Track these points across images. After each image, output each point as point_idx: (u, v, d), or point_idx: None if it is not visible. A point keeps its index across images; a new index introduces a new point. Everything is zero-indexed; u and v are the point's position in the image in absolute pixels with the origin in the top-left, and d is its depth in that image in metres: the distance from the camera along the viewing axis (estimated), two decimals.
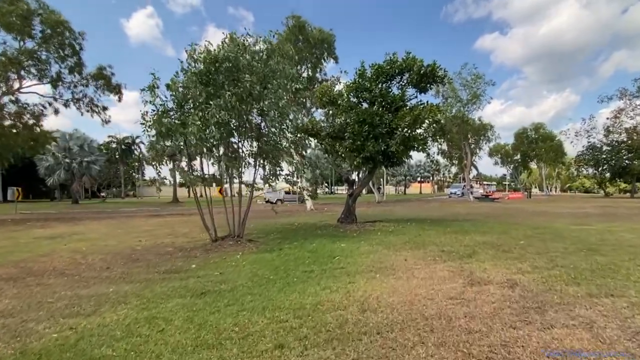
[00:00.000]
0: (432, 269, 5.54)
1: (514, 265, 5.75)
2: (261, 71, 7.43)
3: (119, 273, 5.77)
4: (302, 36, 22.39)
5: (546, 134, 51.30)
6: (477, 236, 9.11)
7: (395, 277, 5.05)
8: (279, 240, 9.04)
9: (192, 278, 5.27)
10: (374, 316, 3.51)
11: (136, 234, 11.26)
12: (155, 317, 3.61)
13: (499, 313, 3.60)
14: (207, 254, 7.25)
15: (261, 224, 13.46)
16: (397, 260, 6.30)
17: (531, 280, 4.86)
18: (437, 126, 11.65)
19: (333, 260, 6.28)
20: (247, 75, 7.08)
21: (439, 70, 10.99)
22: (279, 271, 5.53)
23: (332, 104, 12.20)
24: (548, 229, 10.72)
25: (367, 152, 11.00)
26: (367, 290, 4.37)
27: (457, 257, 6.50)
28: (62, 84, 19.10)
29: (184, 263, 6.42)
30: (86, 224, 15.19)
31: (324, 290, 4.39)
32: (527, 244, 7.91)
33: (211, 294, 4.41)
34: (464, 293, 4.26)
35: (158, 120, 6.79)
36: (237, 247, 7.86)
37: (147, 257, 7.09)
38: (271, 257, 6.76)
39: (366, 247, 7.65)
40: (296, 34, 22.27)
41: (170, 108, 7.14)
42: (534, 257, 6.38)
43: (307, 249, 7.58)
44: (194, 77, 7.02)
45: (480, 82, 30.65)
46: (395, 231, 10.40)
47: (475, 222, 12.91)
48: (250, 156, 8.49)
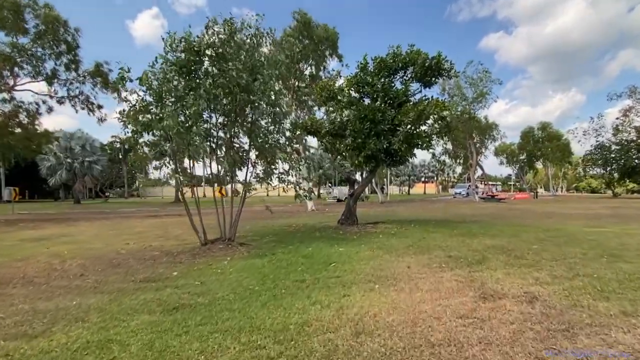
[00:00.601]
0: (438, 279, 4.94)
1: (529, 275, 5.15)
2: (249, 61, 6.85)
3: (92, 281, 5.24)
4: (307, 32, 21.78)
5: (553, 133, 50.31)
6: (485, 239, 8.50)
7: (396, 289, 4.46)
8: (274, 243, 8.48)
9: (169, 288, 4.72)
10: (369, 342, 2.93)
11: (127, 235, 10.77)
12: (110, 340, 3.06)
13: (519, 338, 3.00)
14: (193, 259, 6.70)
15: (258, 226, 12.91)
16: (399, 267, 5.72)
17: (552, 293, 4.25)
18: (442, 123, 11.01)
19: (329, 268, 5.71)
20: (230, 63, 6.50)
21: (445, 63, 10.35)
22: (266, 281, 4.96)
23: (332, 100, 11.60)
24: (561, 231, 10.06)
25: (368, 150, 10.40)
26: (364, 306, 3.79)
27: (466, 264, 5.90)
28: (58, 81, 18.67)
29: (166, 270, 5.88)
30: (79, 225, 14.74)
31: (314, 306, 3.82)
32: (541, 248, 7.28)
33: (184, 309, 3.85)
34: (476, 310, 3.66)
35: (134, 116, 6.22)
36: (227, 252, 7.30)
37: (128, 263, 6.55)
38: (262, 263, 6.19)
39: (366, 252, 7.06)
40: (301, 29, 21.67)
41: (149, 102, 6.54)
42: (551, 265, 5.77)
43: (302, 253, 7.00)
44: (173, 67, 6.44)
45: (487, 78, 29.94)
46: (398, 233, 9.80)
47: (482, 224, 12.27)
48: (240, 152, 7.92)
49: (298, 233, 10.47)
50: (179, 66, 6.49)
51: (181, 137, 6.17)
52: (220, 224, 8.11)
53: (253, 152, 8.31)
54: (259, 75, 7.39)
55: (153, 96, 6.38)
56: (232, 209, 8.20)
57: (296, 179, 8.56)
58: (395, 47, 11.14)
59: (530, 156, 53.10)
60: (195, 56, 6.61)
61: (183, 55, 6.58)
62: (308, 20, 21.67)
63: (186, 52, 6.55)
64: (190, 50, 6.52)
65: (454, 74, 10.57)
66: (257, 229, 11.94)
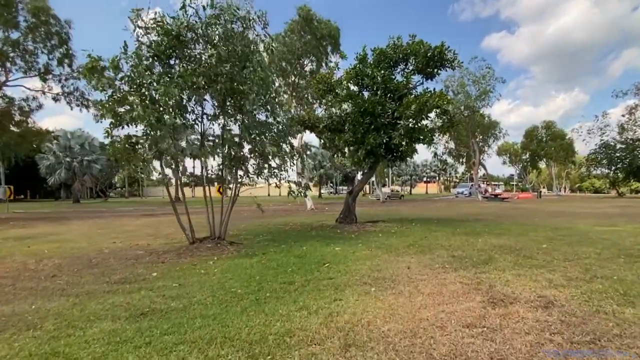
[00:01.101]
0: (441, 280, 4.47)
1: (542, 276, 4.67)
2: (238, 47, 6.36)
3: (63, 283, 4.80)
4: (309, 28, 21.22)
5: (557, 132, 49.68)
6: (491, 238, 8.01)
7: (394, 292, 3.99)
8: (266, 242, 8.02)
9: (143, 290, 4.27)
10: (360, 357, 2.47)
11: (115, 234, 10.34)
12: (57, 353, 2.61)
13: (537, 352, 2.53)
14: (178, 259, 6.25)
15: (254, 224, 12.47)
16: (398, 267, 5.25)
17: (569, 297, 3.78)
18: (445, 117, 10.52)
19: (322, 268, 5.24)
20: (212, 49, 6.02)
21: (448, 53, 9.84)
22: (252, 283, 4.50)
23: (330, 93, 11.12)
24: (571, 230, 9.56)
25: (368, 145, 9.91)
26: (357, 313, 3.33)
27: (471, 264, 5.43)
28: (53, 76, 18.27)
29: (146, 270, 5.43)
30: (71, 223, 14.34)
31: (300, 312, 3.35)
32: (552, 247, 6.79)
33: (153, 315, 3.40)
34: (484, 317, 3.19)
35: (110, 107, 5.72)
36: (215, 251, 6.85)
37: (108, 263, 6.11)
38: (250, 263, 5.73)
39: (363, 252, 6.59)
40: (302, 25, 21.10)
41: (127, 92, 5.98)
42: (564, 265, 5.28)
43: (295, 253, 6.54)
44: (150, 52, 5.92)
45: (490, 76, 29.39)
46: (399, 232, 9.32)
47: (487, 223, 11.76)
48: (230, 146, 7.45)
49: (293, 232, 10.01)
50: (156, 51, 5.97)
51: (154, 129, 5.67)
52: (210, 222, 7.66)
53: (245, 146, 7.85)
54: (248, 63, 6.93)
55: (129, 85, 5.86)
56: (223, 206, 7.75)
57: (288, 176, 8.06)
58: (395, 38, 10.67)
59: (534, 155, 52.47)
60: (173, 40, 6.10)
61: (161, 39, 6.05)
62: (311, 16, 21.13)
63: (163, 35, 6.02)
64: (167, 34, 6.01)
65: (458, 64, 10.07)
66: (252, 227, 11.50)
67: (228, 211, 7.69)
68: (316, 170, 51.70)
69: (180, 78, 5.76)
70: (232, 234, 9.64)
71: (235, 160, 7.62)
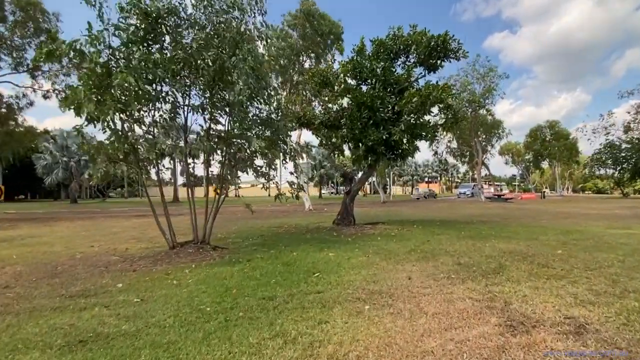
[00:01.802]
0: (447, 296, 3.82)
1: (564, 290, 4.02)
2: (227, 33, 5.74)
3: (12, 296, 4.17)
4: (309, 23, 20.48)
5: (561, 131, 48.87)
6: (500, 243, 7.35)
7: (392, 312, 3.35)
8: (255, 247, 7.37)
9: (97, 307, 3.64)
10: None
11: (99, 236, 9.74)
12: None
13: None
14: (152, 266, 5.62)
15: (247, 226, 11.84)
16: (397, 278, 4.60)
17: (603, 319, 3.13)
18: (449, 112, 9.84)
19: (310, 279, 4.60)
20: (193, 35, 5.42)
21: (452, 42, 9.16)
22: (226, 297, 3.86)
23: (326, 87, 10.45)
24: (583, 233, 8.88)
25: (368, 141, 9.23)
26: (344, 342, 2.68)
27: (480, 274, 4.78)
28: (42, 73, 17.68)
29: (112, 280, 4.80)
30: (58, 225, 13.73)
31: (274, 341, 2.71)
32: (568, 254, 6.13)
33: (95, 342, 2.76)
34: (505, 349, 2.55)
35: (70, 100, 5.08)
36: (196, 257, 6.21)
37: (74, 271, 5.48)
38: (230, 272, 5.09)
39: (360, 258, 5.95)
40: (303, 19, 20.34)
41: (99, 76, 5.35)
42: (587, 276, 4.63)
43: (284, 260, 5.90)
44: (126, 36, 5.28)
45: (494, 74, 28.68)
46: (399, 235, 8.67)
47: (493, 225, 11.09)
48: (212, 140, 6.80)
49: (287, 235, 9.37)
50: (132, 36, 5.33)
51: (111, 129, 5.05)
52: (193, 224, 7.04)
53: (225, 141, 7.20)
54: (237, 50, 6.31)
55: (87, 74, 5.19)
56: (207, 208, 7.12)
57: (275, 176, 7.41)
58: (395, 29, 10.01)
59: (537, 155, 51.67)
60: (153, 24, 5.48)
61: (139, 23, 5.42)
62: (313, 11, 20.38)
63: (140, 18, 5.40)
64: (145, 17, 5.38)
65: (463, 55, 9.39)
66: (244, 229, 10.87)
67: (212, 213, 7.06)
68: (316, 170, 51.05)
69: (150, 64, 5.11)
70: (221, 237, 9.01)
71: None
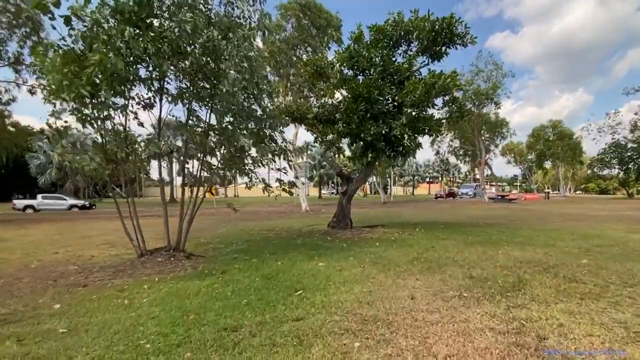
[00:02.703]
0: (461, 325, 2.97)
1: (607, 316, 3.18)
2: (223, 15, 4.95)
3: None
4: (303, 14, 19.53)
5: (564, 131, 48.01)
6: (513, 250, 6.50)
7: (390, 354, 2.50)
8: (236, 254, 6.52)
9: (8, 341, 2.80)
10: None
11: (71, 240, 8.93)
12: None
13: None
14: (110, 280, 4.78)
15: (236, 229, 11.00)
16: (398, 297, 3.76)
17: None
18: (454, 106, 8.98)
19: (290, 300, 3.75)
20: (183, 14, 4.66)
21: (458, 25, 8.28)
22: (178, 327, 3.01)
23: (320, 77, 9.58)
24: (603, 238, 8.01)
25: (367, 136, 8.35)
26: None
27: (498, 291, 3.94)
28: (26, 67, 16.83)
29: (52, 299, 3.96)
30: (35, 227, 12.91)
31: None
32: (596, 264, 5.27)
33: None
34: None
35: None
36: (164, 267, 5.37)
37: (15, 285, 4.65)
38: (197, 288, 4.24)
39: (354, 269, 5.10)
40: (299, 11, 19.36)
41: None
42: (629, 295, 3.78)
43: (265, 271, 5.05)
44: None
45: (498, 73, 27.75)
46: (400, 241, 7.81)
47: (501, 228, 10.22)
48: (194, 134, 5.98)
49: (276, 239, 8.51)
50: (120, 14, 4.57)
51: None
52: (165, 229, 6.20)
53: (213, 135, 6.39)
54: (231, 34, 5.54)
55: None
56: (182, 210, 6.28)
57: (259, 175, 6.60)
58: (395, 14, 9.15)
59: (540, 155, 50.80)
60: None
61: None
62: (309, 2, 19.42)
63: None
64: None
65: (471, 40, 8.49)
66: (232, 232, 10.03)
67: (186, 217, 6.22)
68: (316, 170, 50.13)
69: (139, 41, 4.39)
70: (203, 241, 8.19)
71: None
